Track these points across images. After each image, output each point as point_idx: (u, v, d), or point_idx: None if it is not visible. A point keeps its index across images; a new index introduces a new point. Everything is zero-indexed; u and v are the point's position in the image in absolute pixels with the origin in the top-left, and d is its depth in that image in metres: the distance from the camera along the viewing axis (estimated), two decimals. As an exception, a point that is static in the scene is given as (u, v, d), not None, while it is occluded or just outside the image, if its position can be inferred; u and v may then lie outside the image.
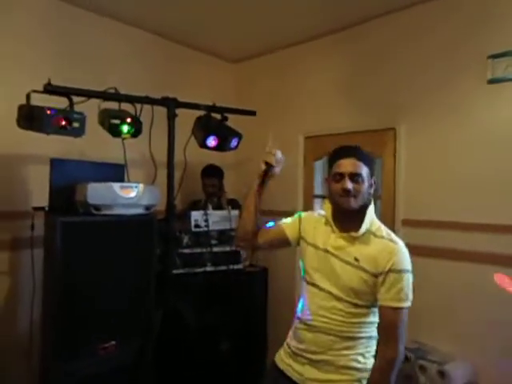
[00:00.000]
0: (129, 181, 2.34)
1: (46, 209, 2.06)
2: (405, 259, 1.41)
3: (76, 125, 1.88)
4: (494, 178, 2.32)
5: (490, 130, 2.36)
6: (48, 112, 1.79)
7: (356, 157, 1.44)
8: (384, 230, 1.46)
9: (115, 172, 2.31)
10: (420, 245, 2.62)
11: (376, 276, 1.38)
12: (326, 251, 1.46)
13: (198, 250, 2.52)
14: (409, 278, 1.40)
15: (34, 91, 1.88)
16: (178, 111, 2.35)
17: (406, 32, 2.73)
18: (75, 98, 2.02)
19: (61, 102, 1.98)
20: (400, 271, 1.37)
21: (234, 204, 2.91)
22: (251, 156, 3.57)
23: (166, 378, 2.27)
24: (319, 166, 3.31)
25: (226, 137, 2.49)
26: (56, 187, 2.11)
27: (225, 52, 3.61)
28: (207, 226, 2.52)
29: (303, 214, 1.63)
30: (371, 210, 1.47)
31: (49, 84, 1.93)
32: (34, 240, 2.10)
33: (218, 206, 2.89)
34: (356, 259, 1.40)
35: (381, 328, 1.41)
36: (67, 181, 2.10)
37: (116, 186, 2.05)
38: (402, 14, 2.73)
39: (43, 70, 2.23)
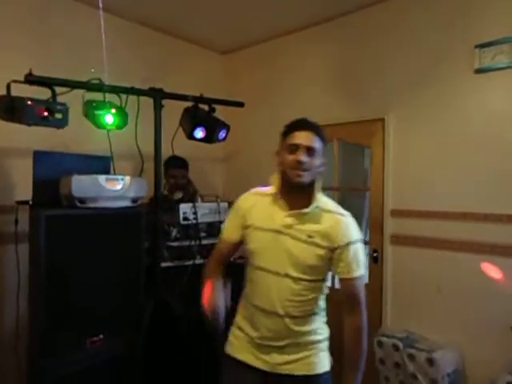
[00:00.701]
0: (115, 173, 2.30)
1: (30, 203, 2.01)
2: (356, 230, 1.44)
3: (58, 116, 1.84)
4: (482, 168, 2.34)
5: (477, 119, 2.37)
6: (29, 103, 1.75)
7: (313, 131, 1.40)
8: (331, 204, 1.47)
9: (101, 164, 2.26)
10: (409, 235, 2.64)
11: (332, 250, 1.39)
12: (277, 231, 1.39)
13: (187, 243, 2.49)
14: (361, 247, 1.44)
15: (15, 81, 1.83)
16: (166, 102, 2.32)
17: (394, 22, 2.71)
18: (58, 89, 1.98)
19: (43, 93, 1.95)
20: (355, 242, 1.41)
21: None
22: (239, 148, 3.57)
23: (155, 371, 2.25)
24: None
25: (214, 128, 2.47)
26: (40, 180, 2.05)
27: (214, 43, 3.57)
28: (196, 218, 2.49)
29: (242, 203, 1.51)
30: (319, 186, 1.45)
31: (30, 74, 1.88)
32: (18, 235, 2.05)
33: (188, 200, 2.74)
34: (309, 236, 1.38)
35: (345, 300, 1.42)
36: (51, 174, 2.04)
37: (101, 178, 2.01)
38: (390, 3, 2.72)
39: (25, 59, 2.17)
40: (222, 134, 2.52)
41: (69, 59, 2.61)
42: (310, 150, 1.36)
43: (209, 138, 2.47)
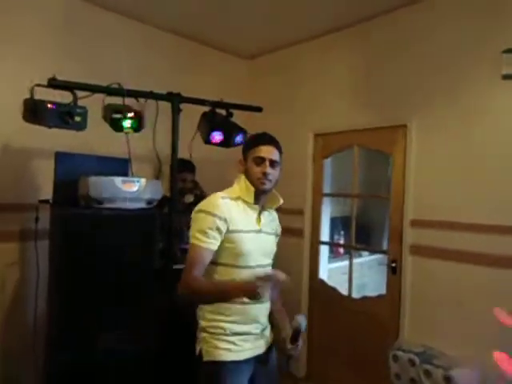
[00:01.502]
0: (133, 175, 2.36)
1: (50, 201, 2.09)
2: None
3: (78, 119, 1.91)
4: (507, 179, 2.22)
5: (505, 128, 2.26)
6: (49, 106, 1.82)
7: (275, 145, 1.59)
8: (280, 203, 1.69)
9: (119, 166, 2.33)
10: (429, 245, 2.55)
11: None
12: (257, 231, 1.57)
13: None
14: None
15: (38, 85, 1.91)
16: (185, 107, 2.36)
17: (418, 28, 2.64)
18: (80, 93, 2.06)
19: (67, 96, 2.02)
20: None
21: None
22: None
23: (167, 371, 2.27)
24: (329, 164, 3.26)
25: (231, 133, 2.48)
26: (60, 180, 2.14)
27: (237, 48, 3.59)
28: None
29: (219, 209, 1.48)
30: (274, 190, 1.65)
31: (53, 79, 1.96)
32: (38, 232, 2.14)
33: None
34: (272, 229, 1.67)
35: None
36: (72, 174, 2.12)
37: (118, 179, 2.07)
38: (413, 9, 2.65)
39: (48, 64, 2.27)
40: (238, 139, 2.53)
41: (90, 64, 2.70)
42: (273, 163, 1.56)
43: (226, 143, 2.48)
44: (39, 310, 2.29)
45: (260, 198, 1.59)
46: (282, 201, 1.65)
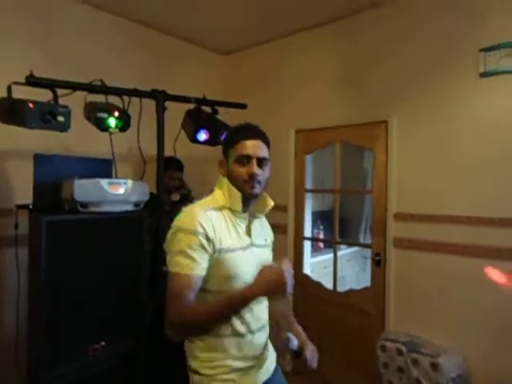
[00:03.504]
0: (117, 176, 2.27)
1: (30, 207, 1.97)
2: None
3: (61, 119, 1.80)
4: (487, 172, 2.33)
5: (482, 123, 2.35)
6: (31, 105, 1.70)
7: (262, 139, 1.29)
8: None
9: (103, 167, 2.23)
10: (412, 238, 2.63)
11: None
12: (246, 247, 1.28)
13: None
14: None
15: (16, 83, 1.79)
16: (167, 104, 2.28)
17: (398, 24, 2.69)
18: (59, 91, 1.94)
19: (44, 95, 1.90)
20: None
21: None
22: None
23: (157, 376, 2.22)
24: (310, 160, 3.28)
25: (217, 131, 2.44)
26: (40, 184, 2.02)
27: (214, 43, 3.53)
28: (198, 221, 2.46)
29: (200, 225, 1.18)
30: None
31: (31, 76, 1.84)
32: (18, 239, 2.01)
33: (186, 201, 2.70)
34: (265, 239, 1.40)
35: None
36: (52, 177, 2.01)
37: (104, 182, 1.98)
38: (394, 7, 2.70)
39: (26, 60, 2.13)
40: (224, 137, 2.48)
41: (70, 61, 2.56)
42: (261, 161, 1.26)
43: (212, 141, 2.43)
44: (20, 318, 2.16)
45: (249, 203, 1.30)
46: (272, 203, 1.35)
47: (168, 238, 1.22)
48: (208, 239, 1.18)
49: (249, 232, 1.32)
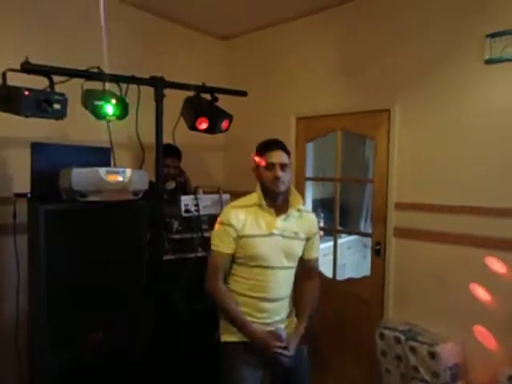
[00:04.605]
0: (115, 165, 2.24)
1: (29, 195, 1.95)
2: (317, 222, 1.90)
3: (57, 107, 1.77)
4: (489, 161, 2.30)
5: (487, 111, 2.31)
6: (26, 93, 1.67)
7: (283, 150, 1.74)
8: (301, 205, 1.81)
9: (101, 156, 2.20)
10: (413, 228, 2.62)
11: (307, 240, 1.81)
12: (271, 234, 1.70)
13: (189, 236, 2.46)
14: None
15: (10, 70, 1.75)
16: (166, 92, 2.24)
17: (402, 9, 2.63)
18: (56, 78, 1.90)
19: (40, 82, 1.86)
20: (317, 233, 1.88)
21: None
22: (242, 137, 3.50)
23: (158, 365, 2.24)
24: (311, 148, 3.25)
25: (217, 118, 2.40)
26: (38, 172, 2.00)
27: (213, 28, 3.45)
28: (197, 210, 2.45)
29: (232, 219, 1.71)
30: (294, 190, 1.81)
31: (27, 62, 1.80)
32: (16, 228, 2.00)
33: (182, 191, 2.71)
34: (295, 233, 1.75)
35: (307, 271, 1.86)
36: (50, 166, 1.98)
37: (102, 171, 1.96)
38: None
39: (21, 47, 2.08)
40: (224, 124, 2.45)
41: (67, 48, 2.51)
42: (283, 166, 1.70)
43: (212, 129, 2.40)
44: (20, 307, 2.17)
45: (277, 200, 1.73)
46: (299, 204, 1.77)
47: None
48: (235, 229, 1.69)
49: (272, 224, 1.71)
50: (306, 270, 1.86)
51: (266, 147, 1.74)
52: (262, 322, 1.71)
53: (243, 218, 1.70)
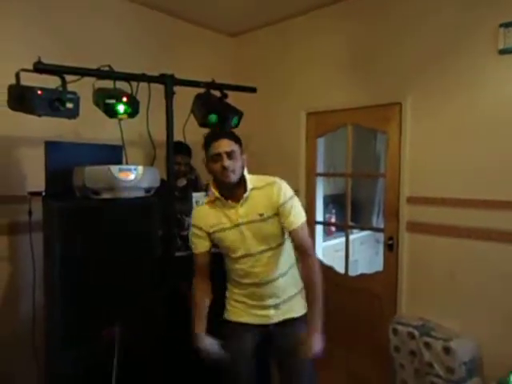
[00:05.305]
0: (127, 162, 2.26)
1: (43, 194, 1.99)
2: (287, 188, 1.71)
3: (69, 105, 1.79)
4: (503, 153, 2.26)
5: (501, 102, 2.27)
6: (39, 92, 1.70)
7: (227, 137, 1.65)
8: (259, 180, 1.72)
9: (113, 153, 2.23)
10: (425, 222, 2.59)
11: (277, 214, 1.68)
12: (236, 225, 1.69)
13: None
14: (296, 199, 1.73)
15: (24, 70, 1.78)
16: (176, 89, 2.25)
17: (412, 2, 2.59)
18: (68, 78, 1.93)
19: (52, 82, 1.89)
20: (289, 199, 1.69)
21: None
22: (251, 134, 3.50)
23: (169, 360, 2.26)
24: (321, 143, 3.23)
25: (227, 115, 2.41)
26: (52, 171, 2.03)
27: (222, 24, 3.45)
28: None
29: (197, 220, 1.77)
30: (246, 173, 1.70)
31: (39, 62, 1.83)
32: (32, 225, 2.04)
33: (193, 188, 2.72)
34: (260, 214, 1.67)
35: (297, 248, 1.74)
36: (63, 164, 2.01)
37: (114, 168, 1.98)
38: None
39: (34, 48, 2.11)
40: (234, 121, 2.45)
41: (78, 47, 2.54)
42: (230, 154, 1.62)
43: (221, 125, 2.40)
44: (36, 304, 2.21)
45: (233, 190, 1.68)
46: (249, 188, 1.67)
47: None
48: (202, 228, 1.74)
49: (236, 214, 1.68)
50: (295, 244, 1.75)
51: (208, 139, 1.67)
52: (260, 304, 1.76)
53: (208, 215, 1.73)
